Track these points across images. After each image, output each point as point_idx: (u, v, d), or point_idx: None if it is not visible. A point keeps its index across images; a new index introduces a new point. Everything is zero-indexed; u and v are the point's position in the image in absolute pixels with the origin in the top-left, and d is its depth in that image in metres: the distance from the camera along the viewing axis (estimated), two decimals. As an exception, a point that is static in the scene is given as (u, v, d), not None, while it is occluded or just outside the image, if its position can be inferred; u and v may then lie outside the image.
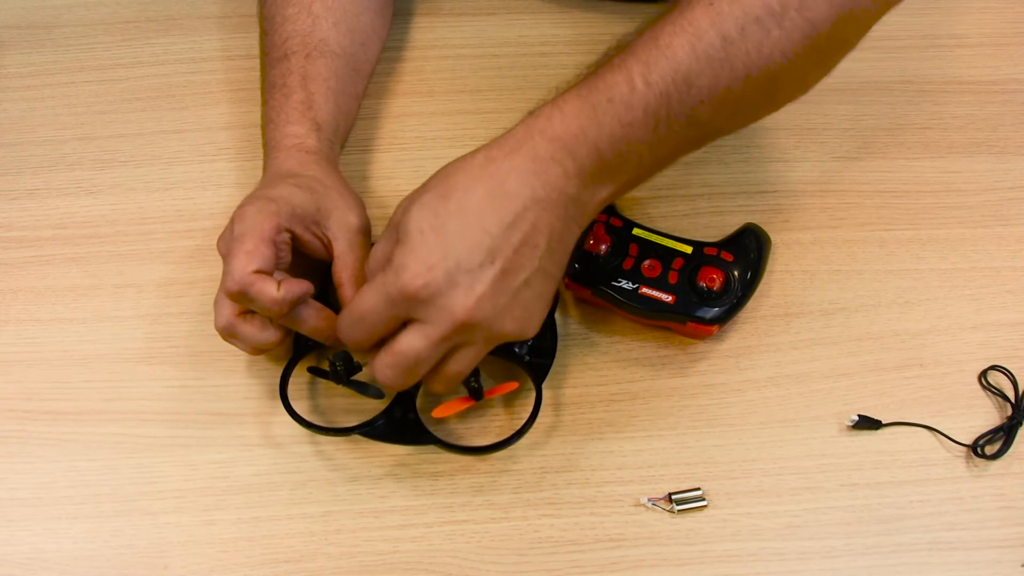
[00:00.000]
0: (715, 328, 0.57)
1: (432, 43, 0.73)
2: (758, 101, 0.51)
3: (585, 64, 0.51)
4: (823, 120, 0.68)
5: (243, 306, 0.52)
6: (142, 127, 0.69)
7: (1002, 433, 0.56)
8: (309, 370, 0.57)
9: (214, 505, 0.54)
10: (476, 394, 0.54)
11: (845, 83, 0.69)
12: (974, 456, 0.55)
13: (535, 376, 0.55)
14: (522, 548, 0.53)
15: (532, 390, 0.55)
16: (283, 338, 0.54)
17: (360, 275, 0.54)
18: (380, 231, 0.61)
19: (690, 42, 0.47)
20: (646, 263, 0.57)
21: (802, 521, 0.53)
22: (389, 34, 0.72)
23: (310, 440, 0.56)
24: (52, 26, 0.75)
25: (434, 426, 0.55)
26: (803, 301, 0.61)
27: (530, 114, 0.49)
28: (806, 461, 0.55)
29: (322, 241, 0.55)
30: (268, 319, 0.53)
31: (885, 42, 0.72)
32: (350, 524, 0.54)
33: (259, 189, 0.56)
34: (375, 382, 0.57)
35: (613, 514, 0.54)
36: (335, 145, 0.62)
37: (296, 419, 0.54)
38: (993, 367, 0.58)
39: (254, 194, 0.55)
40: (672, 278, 0.56)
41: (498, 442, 0.53)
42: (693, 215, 0.64)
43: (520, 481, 0.55)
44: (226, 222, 0.54)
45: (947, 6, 0.75)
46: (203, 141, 0.68)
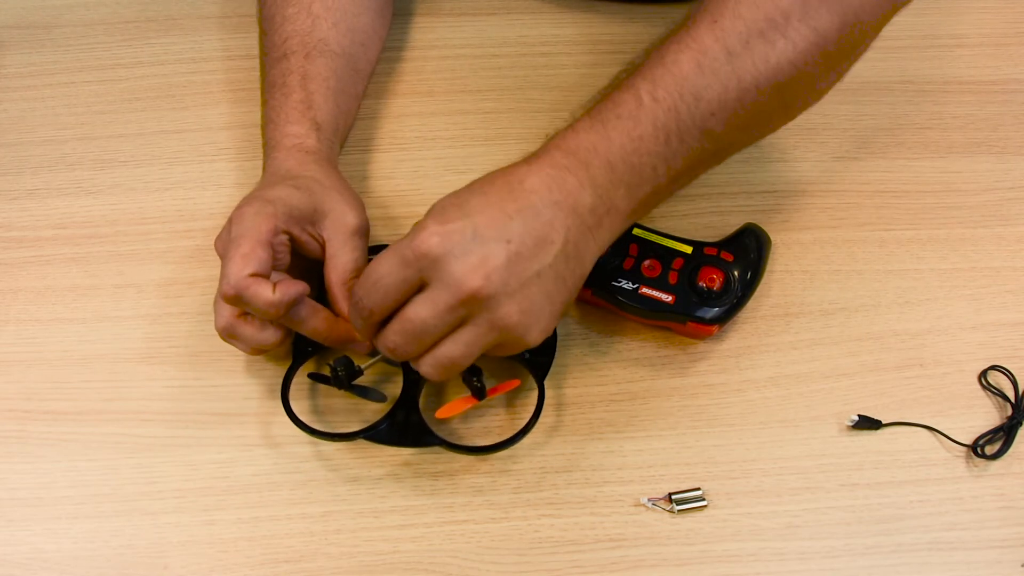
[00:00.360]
0: (715, 328, 0.57)
1: (432, 43, 0.73)
2: (771, 111, 0.52)
3: (587, 63, 0.51)
4: (823, 120, 0.68)
5: (240, 309, 0.52)
6: (142, 127, 0.69)
7: (1002, 433, 0.56)
8: (310, 376, 0.57)
9: (214, 505, 0.54)
10: (479, 393, 0.54)
11: (845, 83, 0.68)
12: (974, 456, 0.55)
13: (536, 373, 0.55)
14: (522, 548, 0.53)
15: (533, 388, 0.55)
16: (283, 338, 0.54)
17: (352, 277, 0.54)
18: (380, 231, 0.62)
19: (695, 58, 0.48)
20: (646, 263, 0.57)
21: (802, 521, 0.53)
22: (389, 34, 0.72)
23: (310, 440, 0.56)
24: (52, 26, 0.75)
25: (437, 427, 0.55)
26: (803, 301, 0.61)
27: (548, 136, 0.51)
28: (806, 461, 0.55)
29: (318, 242, 0.55)
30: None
31: (885, 42, 0.72)
32: (350, 524, 0.54)
33: (257, 190, 0.56)
34: (375, 387, 0.57)
35: (613, 514, 0.54)
36: (334, 145, 0.62)
37: (299, 425, 0.54)
38: (993, 367, 0.58)
39: (252, 195, 0.55)
40: (672, 278, 0.56)
41: (503, 440, 0.53)
42: (693, 215, 0.64)
43: (520, 481, 0.55)
44: (226, 222, 0.54)
45: (947, 6, 0.75)
46: (203, 141, 0.68)
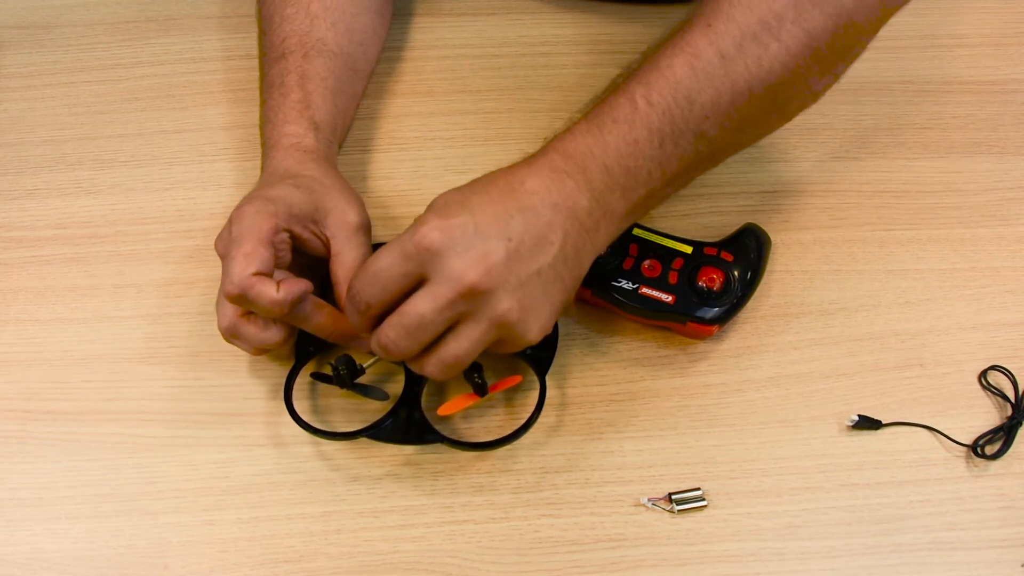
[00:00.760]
0: (715, 328, 0.57)
1: (432, 43, 0.73)
2: (766, 113, 0.52)
3: (587, 63, 0.51)
4: (823, 120, 0.68)
5: (243, 308, 0.52)
6: (142, 127, 0.69)
7: (1002, 433, 0.56)
8: (313, 376, 0.57)
9: (214, 505, 0.54)
10: (480, 390, 0.54)
11: (845, 83, 0.68)
12: (974, 456, 0.55)
13: (538, 368, 0.55)
14: (522, 548, 0.53)
15: (535, 385, 0.55)
16: (287, 337, 0.54)
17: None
18: (380, 231, 0.62)
19: (689, 62, 0.49)
20: (646, 263, 0.57)
21: (802, 521, 0.53)
22: (389, 34, 0.72)
23: (310, 440, 0.56)
24: (52, 26, 0.75)
25: (439, 424, 0.55)
26: (803, 301, 0.61)
27: (546, 138, 0.51)
28: (806, 461, 0.55)
29: (321, 239, 0.55)
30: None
31: (885, 42, 0.72)
32: (350, 524, 0.54)
33: (257, 189, 0.56)
34: (377, 385, 0.57)
35: (613, 514, 0.54)
36: (333, 144, 0.62)
37: (301, 424, 0.54)
38: (993, 367, 0.58)
39: (252, 194, 0.55)
40: (672, 278, 0.56)
41: (505, 436, 0.53)
42: (693, 215, 0.64)
43: (520, 481, 0.55)
44: (226, 222, 0.54)
45: (947, 6, 0.75)
46: (203, 141, 0.68)
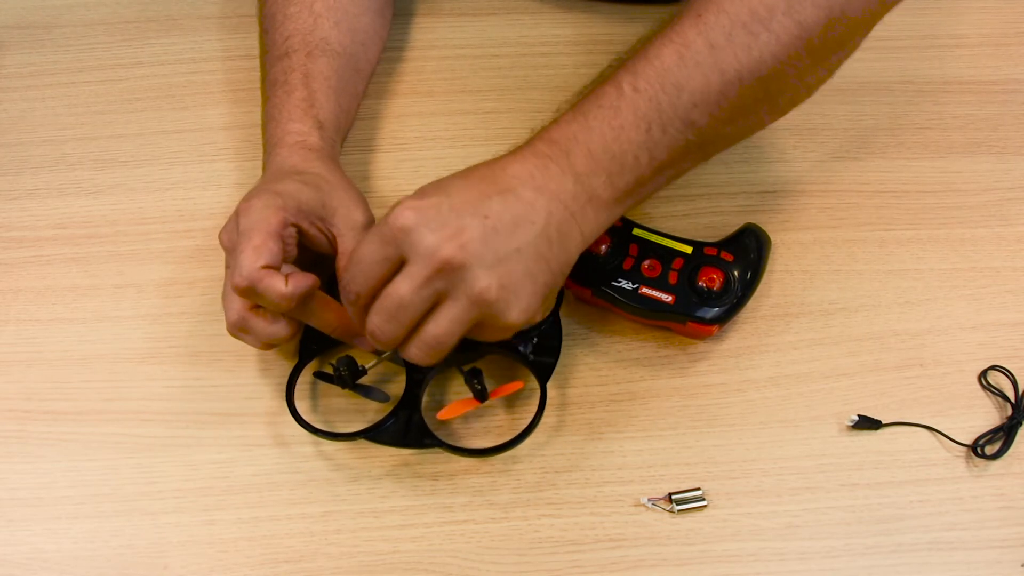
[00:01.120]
0: (715, 328, 0.57)
1: (432, 43, 0.73)
2: (756, 104, 0.52)
3: (587, 63, 0.51)
4: (823, 120, 0.68)
5: (251, 302, 0.52)
6: (142, 127, 0.69)
7: (1002, 433, 0.56)
8: (315, 375, 0.57)
9: (214, 505, 0.54)
10: (480, 395, 0.54)
11: (845, 83, 0.69)
12: (974, 456, 0.55)
13: (539, 375, 0.55)
14: (522, 548, 0.53)
15: (535, 390, 0.55)
16: (294, 332, 0.54)
17: None
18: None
19: (678, 51, 0.49)
20: (646, 263, 0.57)
21: (802, 521, 0.53)
22: (389, 34, 0.72)
23: (310, 440, 0.56)
24: (52, 26, 0.75)
25: (438, 428, 0.55)
26: (803, 301, 0.61)
27: (533, 131, 0.51)
28: (806, 461, 0.55)
29: (327, 236, 0.55)
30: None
31: (885, 42, 0.72)
32: (350, 524, 0.54)
33: (263, 183, 0.56)
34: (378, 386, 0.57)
35: (613, 514, 0.54)
36: (336, 143, 0.62)
37: (301, 423, 0.54)
38: (993, 367, 0.58)
39: (259, 188, 0.55)
40: (672, 278, 0.56)
41: (503, 443, 0.53)
42: (693, 215, 0.64)
43: (520, 481, 0.55)
44: (225, 222, 0.54)
45: (947, 6, 0.75)
46: (203, 141, 0.68)
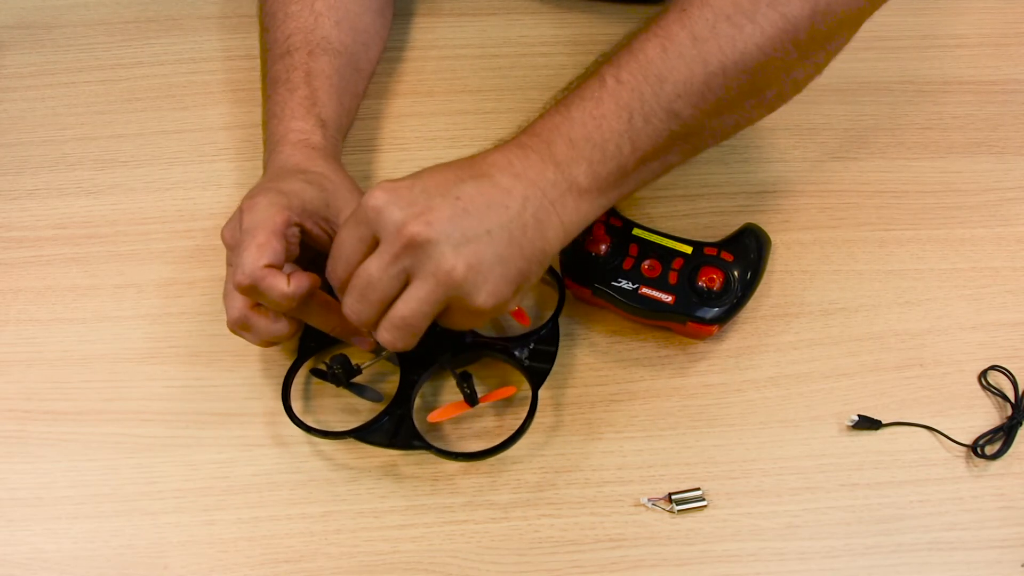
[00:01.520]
0: (715, 328, 0.57)
1: (432, 43, 0.73)
2: (741, 96, 0.51)
3: (587, 64, 0.51)
4: (823, 120, 0.68)
5: (252, 300, 0.52)
6: (142, 127, 0.69)
7: (1002, 433, 0.56)
8: (311, 372, 0.57)
9: (214, 505, 0.54)
10: (471, 400, 0.54)
11: (845, 83, 0.69)
12: (974, 456, 0.55)
13: (533, 381, 0.55)
14: (522, 548, 0.53)
15: (528, 395, 0.55)
16: (295, 330, 0.54)
17: None
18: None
19: (661, 44, 0.50)
20: (646, 263, 0.57)
21: (802, 521, 0.53)
22: (390, 34, 0.72)
23: (310, 440, 0.56)
24: (52, 26, 0.75)
25: (429, 430, 0.55)
26: (803, 301, 0.61)
27: (519, 127, 0.52)
28: (806, 461, 0.55)
29: (330, 236, 0.55)
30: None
31: (885, 42, 0.72)
32: (350, 524, 0.54)
33: (267, 181, 0.56)
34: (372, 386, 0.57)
35: (613, 514, 0.54)
36: (339, 142, 0.62)
37: (294, 420, 0.54)
38: (993, 367, 0.58)
39: (263, 185, 0.55)
40: (672, 278, 0.56)
41: (491, 448, 0.53)
42: (693, 215, 0.64)
43: (520, 481, 0.55)
44: (225, 222, 0.54)
45: (947, 6, 0.75)
46: (203, 141, 0.68)
